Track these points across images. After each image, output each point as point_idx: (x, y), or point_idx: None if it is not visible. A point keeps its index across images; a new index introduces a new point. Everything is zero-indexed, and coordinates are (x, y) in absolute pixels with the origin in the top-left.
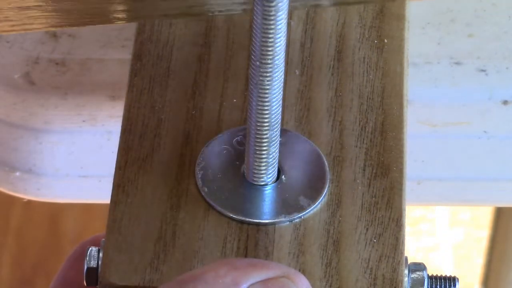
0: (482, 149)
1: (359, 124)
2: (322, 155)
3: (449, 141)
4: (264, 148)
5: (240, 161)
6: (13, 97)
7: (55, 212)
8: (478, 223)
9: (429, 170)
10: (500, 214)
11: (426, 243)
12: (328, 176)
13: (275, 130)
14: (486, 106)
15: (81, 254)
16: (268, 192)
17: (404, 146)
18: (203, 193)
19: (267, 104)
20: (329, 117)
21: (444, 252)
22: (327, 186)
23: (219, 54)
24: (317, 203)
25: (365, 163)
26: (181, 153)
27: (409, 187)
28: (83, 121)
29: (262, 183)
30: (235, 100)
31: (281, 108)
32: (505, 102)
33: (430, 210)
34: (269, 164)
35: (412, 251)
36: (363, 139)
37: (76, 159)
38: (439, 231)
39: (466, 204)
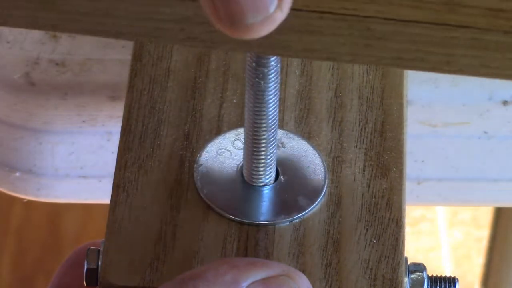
0: (482, 149)
1: (359, 124)
2: (321, 155)
3: (449, 141)
4: (262, 150)
5: (238, 162)
6: (13, 97)
7: (55, 212)
8: (478, 223)
9: (429, 170)
10: (500, 214)
11: (426, 243)
12: (327, 176)
13: (272, 131)
14: (486, 106)
15: (76, 260)
16: (267, 192)
17: (404, 147)
18: (202, 195)
19: (263, 105)
20: (329, 118)
21: (444, 252)
22: (325, 186)
23: (219, 54)
24: (316, 203)
25: (365, 164)
26: (181, 153)
27: (409, 187)
28: (83, 121)
29: (261, 184)
30: (235, 101)
31: (278, 110)
32: (505, 102)
33: (430, 210)
34: (267, 165)
35: (412, 251)
36: (363, 140)
37: (76, 159)
38: (439, 231)
39: (466, 204)
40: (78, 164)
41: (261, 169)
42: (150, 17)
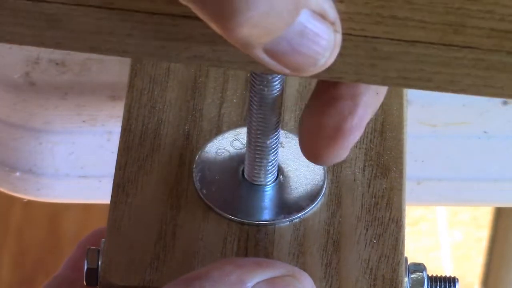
0: (482, 149)
1: None
2: None
3: (449, 141)
4: (264, 154)
5: (237, 162)
6: (13, 97)
7: (55, 212)
8: (478, 223)
9: (429, 170)
10: (500, 214)
11: (426, 243)
12: (326, 176)
13: (274, 138)
14: (486, 106)
15: (83, 254)
16: (266, 192)
17: (404, 147)
18: (201, 195)
19: (267, 112)
20: None
21: (444, 252)
22: (325, 186)
23: None
24: (315, 202)
25: (365, 164)
26: (181, 153)
27: (409, 187)
28: (83, 121)
29: (261, 184)
30: (235, 101)
31: (281, 115)
32: (505, 103)
33: (430, 210)
34: (268, 170)
35: (412, 251)
36: (363, 140)
37: (76, 159)
38: (439, 231)
39: (466, 204)
40: (78, 164)
41: (262, 171)
42: (155, 35)
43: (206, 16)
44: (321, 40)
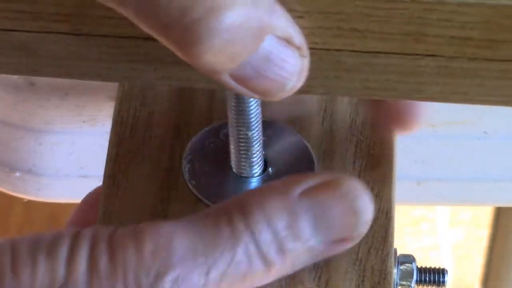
0: (482, 149)
1: (349, 117)
2: (309, 147)
3: (449, 141)
4: (248, 147)
5: (227, 154)
6: (13, 97)
7: (55, 212)
8: (478, 223)
9: (429, 170)
10: (500, 214)
11: (426, 243)
12: (316, 168)
13: (256, 130)
14: (486, 106)
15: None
16: (255, 184)
17: (394, 139)
18: (191, 187)
19: (245, 105)
20: (319, 110)
21: (444, 252)
22: None
23: None
24: None
25: (355, 156)
26: (171, 145)
27: (409, 187)
28: (83, 121)
29: (249, 176)
30: (225, 92)
31: (260, 108)
32: None
33: (430, 210)
34: (253, 162)
35: (412, 251)
36: (353, 132)
37: (76, 159)
38: (439, 231)
39: (466, 204)
40: (78, 164)
41: (247, 163)
42: (124, 58)
43: (169, 43)
44: (287, 65)
